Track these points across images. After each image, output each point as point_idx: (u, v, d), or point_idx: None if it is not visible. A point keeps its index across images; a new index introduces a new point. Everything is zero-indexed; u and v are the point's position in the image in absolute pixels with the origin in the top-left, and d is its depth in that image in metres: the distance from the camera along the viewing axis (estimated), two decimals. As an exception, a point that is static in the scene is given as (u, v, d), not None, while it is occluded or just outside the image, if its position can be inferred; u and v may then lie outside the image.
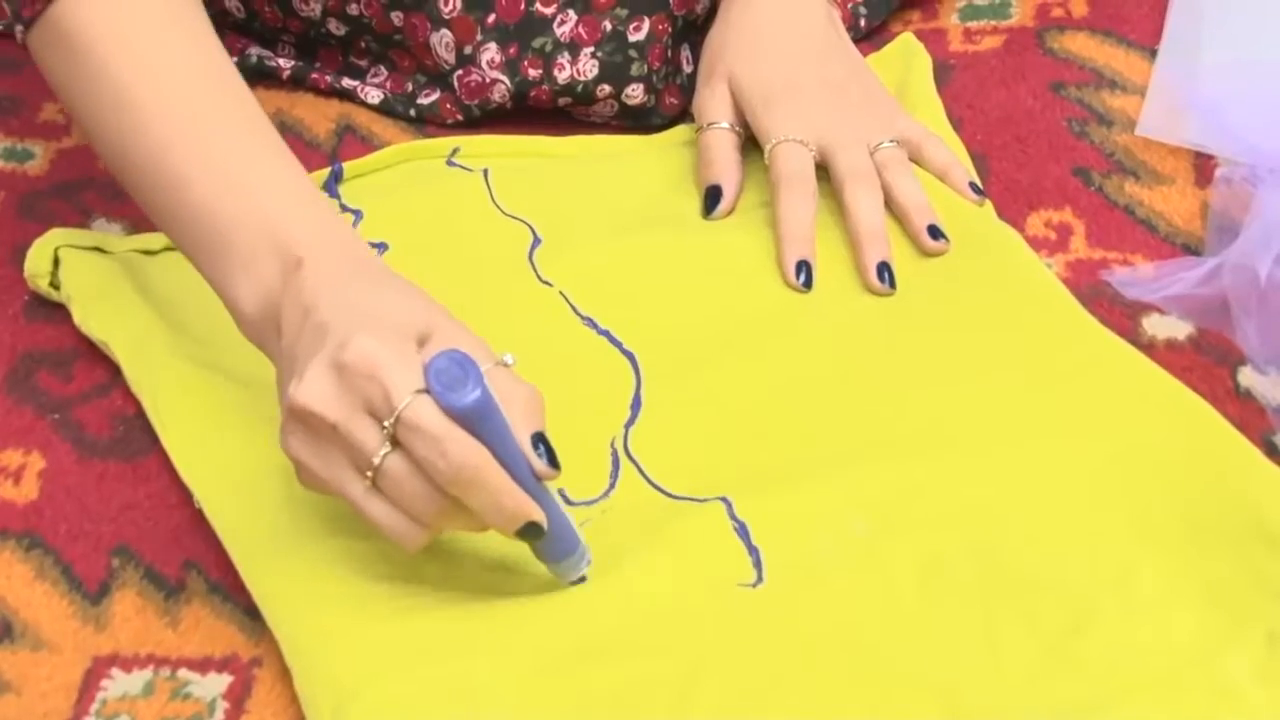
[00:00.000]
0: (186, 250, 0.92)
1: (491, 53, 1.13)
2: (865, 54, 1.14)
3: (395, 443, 0.82)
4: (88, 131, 0.95)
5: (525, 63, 1.13)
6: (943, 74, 1.16)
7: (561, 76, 1.12)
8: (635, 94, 1.14)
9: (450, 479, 0.81)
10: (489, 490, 0.82)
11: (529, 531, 0.84)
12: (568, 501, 0.93)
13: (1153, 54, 1.17)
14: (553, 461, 0.84)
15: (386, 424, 0.81)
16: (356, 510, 0.84)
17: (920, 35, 1.19)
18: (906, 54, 1.15)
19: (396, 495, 0.83)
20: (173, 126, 0.91)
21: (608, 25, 1.12)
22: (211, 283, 0.91)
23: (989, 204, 1.07)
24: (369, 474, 0.82)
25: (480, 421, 0.81)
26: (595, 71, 1.13)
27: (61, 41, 0.93)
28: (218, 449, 0.96)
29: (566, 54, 1.12)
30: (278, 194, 0.90)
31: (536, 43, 1.12)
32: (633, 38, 1.13)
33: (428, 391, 0.81)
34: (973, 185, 1.06)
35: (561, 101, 1.14)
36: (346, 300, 0.85)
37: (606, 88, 1.13)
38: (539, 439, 0.84)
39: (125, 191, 0.95)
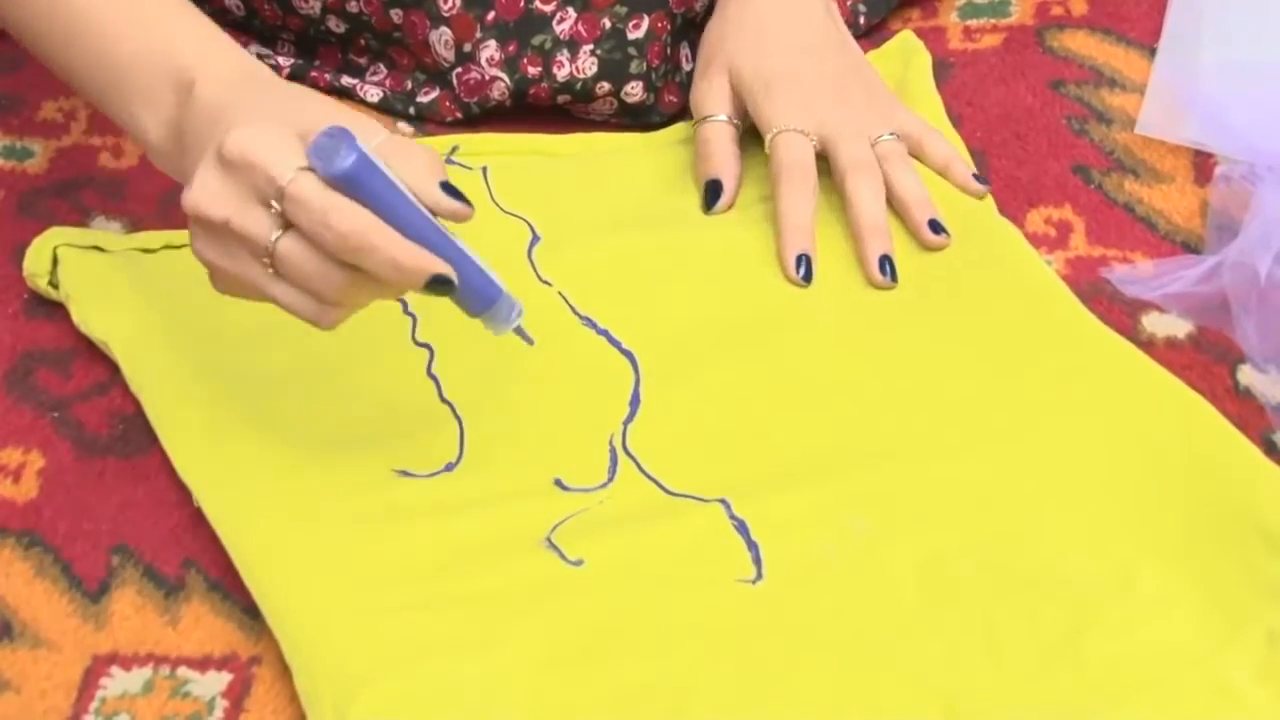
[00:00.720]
0: (93, 97, 0.94)
1: (491, 50, 1.13)
2: (864, 51, 1.14)
3: (287, 226, 0.83)
4: None
5: (525, 60, 1.13)
6: (942, 72, 1.16)
7: (561, 74, 1.12)
8: (634, 92, 1.14)
9: (340, 247, 0.82)
10: (381, 251, 0.82)
11: (438, 286, 0.84)
12: (564, 488, 0.93)
13: (1152, 52, 1.17)
14: (463, 199, 0.84)
15: (274, 205, 0.82)
16: (266, 299, 0.85)
17: (920, 33, 1.19)
18: (906, 51, 1.15)
19: (297, 276, 0.84)
20: None
21: (607, 23, 1.12)
22: (121, 123, 0.93)
23: (990, 200, 1.07)
24: (266, 260, 0.83)
25: (361, 185, 0.81)
26: (594, 69, 1.13)
27: None
28: (217, 447, 0.96)
29: (566, 51, 1.12)
30: (169, 26, 0.92)
31: (536, 40, 1.12)
32: (632, 35, 1.13)
33: (308, 168, 0.81)
34: (976, 176, 1.06)
35: (561, 99, 1.14)
36: (246, 105, 0.86)
37: (606, 85, 1.13)
38: (446, 185, 0.84)
39: (83, 101, 0.97)
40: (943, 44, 1.19)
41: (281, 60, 1.19)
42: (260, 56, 1.18)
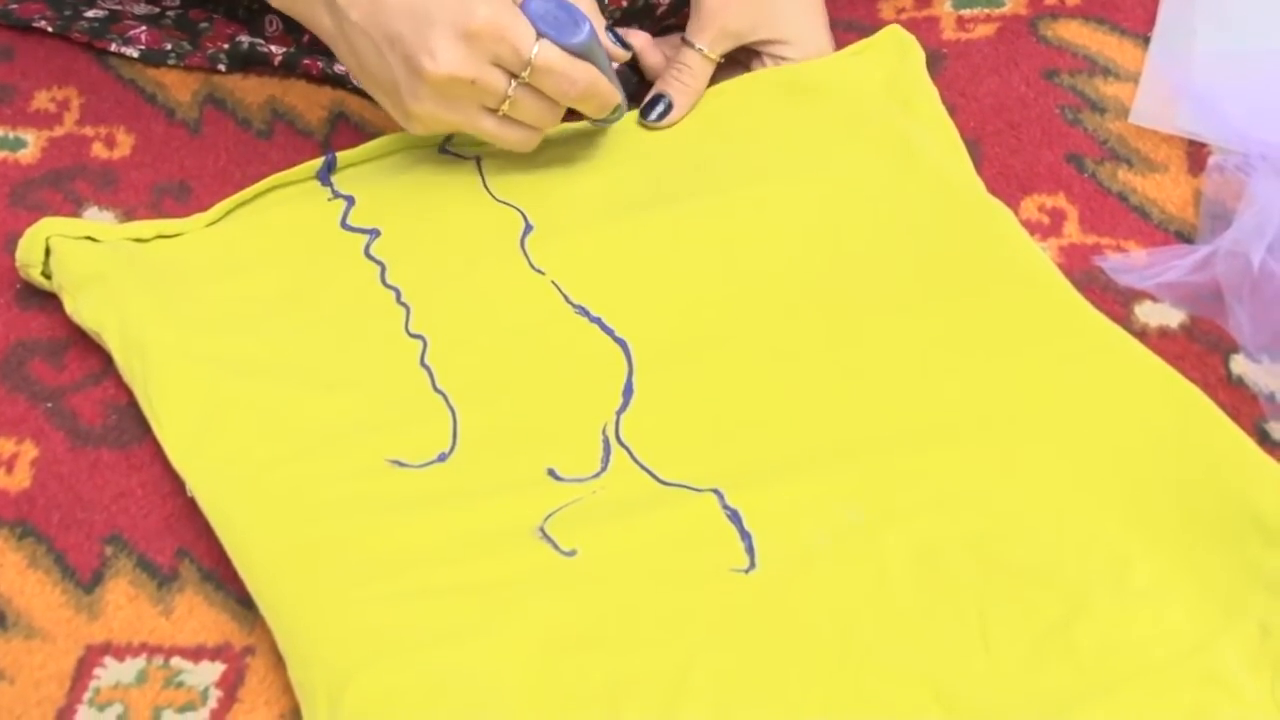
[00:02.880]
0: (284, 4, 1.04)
1: None
2: (853, 43, 1.14)
3: (515, 78, 1.01)
4: None
5: None
6: (936, 62, 1.16)
7: None
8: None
9: (577, 98, 1.03)
10: (600, 96, 1.04)
11: (612, 110, 1.06)
12: (558, 479, 0.93)
13: (1146, 41, 1.17)
14: (624, 44, 1.07)
15: (524, 75, 1.00)
16: (486, 136, 1.04)
17: (914, 23, 1.19)
18: (897, 45, 1.15)
19: (526, 117, 1.03)
20: None
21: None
22: (307, 21, 1.05)
23: (980, 183, 1.07)
24: (503, 109, 1.02)
25: (588, 49, 1.02)
26: None
27: None
28: (210, 437, 0.96)
29: None
30: None
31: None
32: (611, 5, 1.14)
33: (542, 36, 1.00)
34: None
35: None
36: None
37: None
38: (608, 29, 1.06)
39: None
40: (936, 34, 1.19)
41: (274, 48, 1.18)
42: (251, 45, 1.18)
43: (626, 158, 1.11)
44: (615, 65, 1.07)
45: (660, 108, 1.12)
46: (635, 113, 1.13)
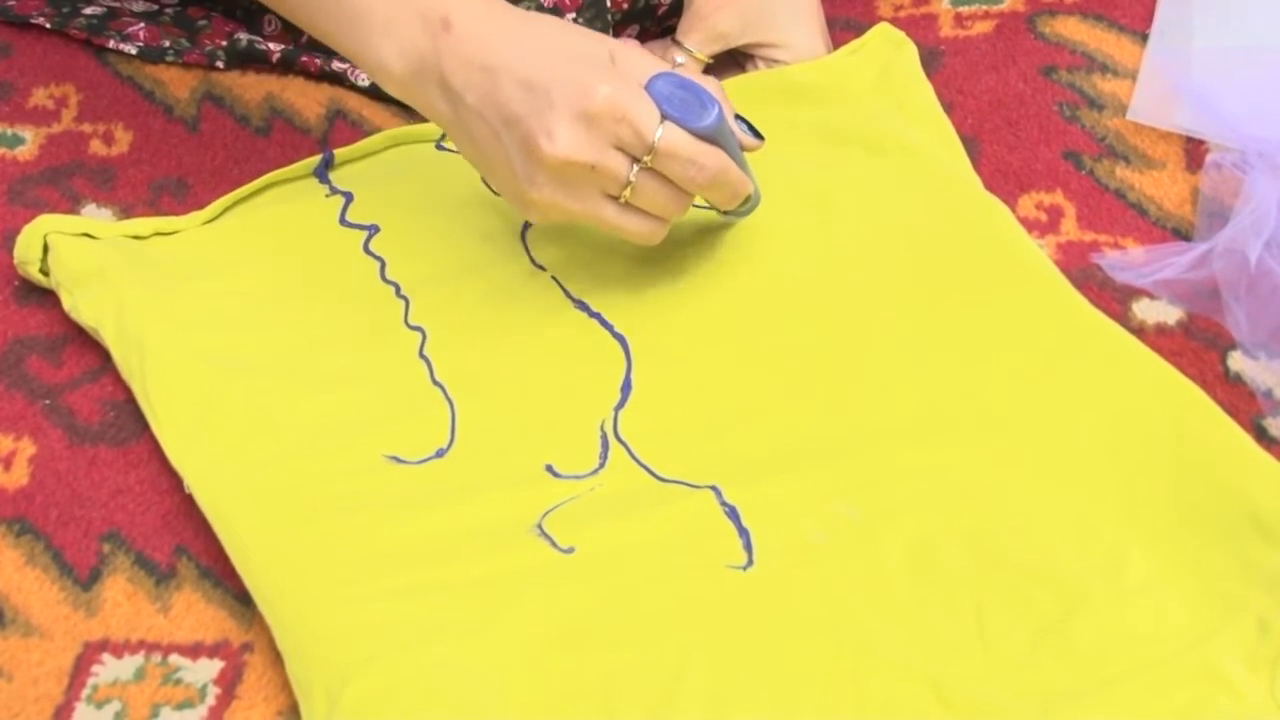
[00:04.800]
0: (316, 27, 0.98)
1: None
2: (845, 42, 1.14)
3: (637, 162, 0.94)
4: None
5: None
6: (934, 59, 1.16)
7: None
8: None
9: (704, 186, 0.96)
10: (730, 185, 0.97)
11: (743, 202, 1.00)
12: (556, 475, 0.93)
13: (1144, 38, 1.17)
14: (757, 133, 1.00)
15: (645, 159, 0.93)
16: (608, 226, 0.96)
17: (912, 20, 1.19)
18: (890, 43, 1.14)
19: (650, 205, 0.96)
20: None
21: None
22: (348, 53, 0.97)
23: (977, 179, 1.07)
24: (625, 195, 0.95)
25: (718, 133, 0.95)
26: None
27: None
28: (208, 434, 0.96)
29: None
30: None
31: (521, 7, 1.12)
32: (611, 5, 1.14)
33: (667, 118, 0.93)
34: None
35: None
36: (528, 50, 0.94)
37: None
38: (739, 119, 0.99)
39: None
40: (934, 31, 1.19)
41: (272, 45, 1.18)
42: (249, 42, 1.18)
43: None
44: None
45: None
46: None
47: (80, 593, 0.92)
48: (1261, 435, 0.94)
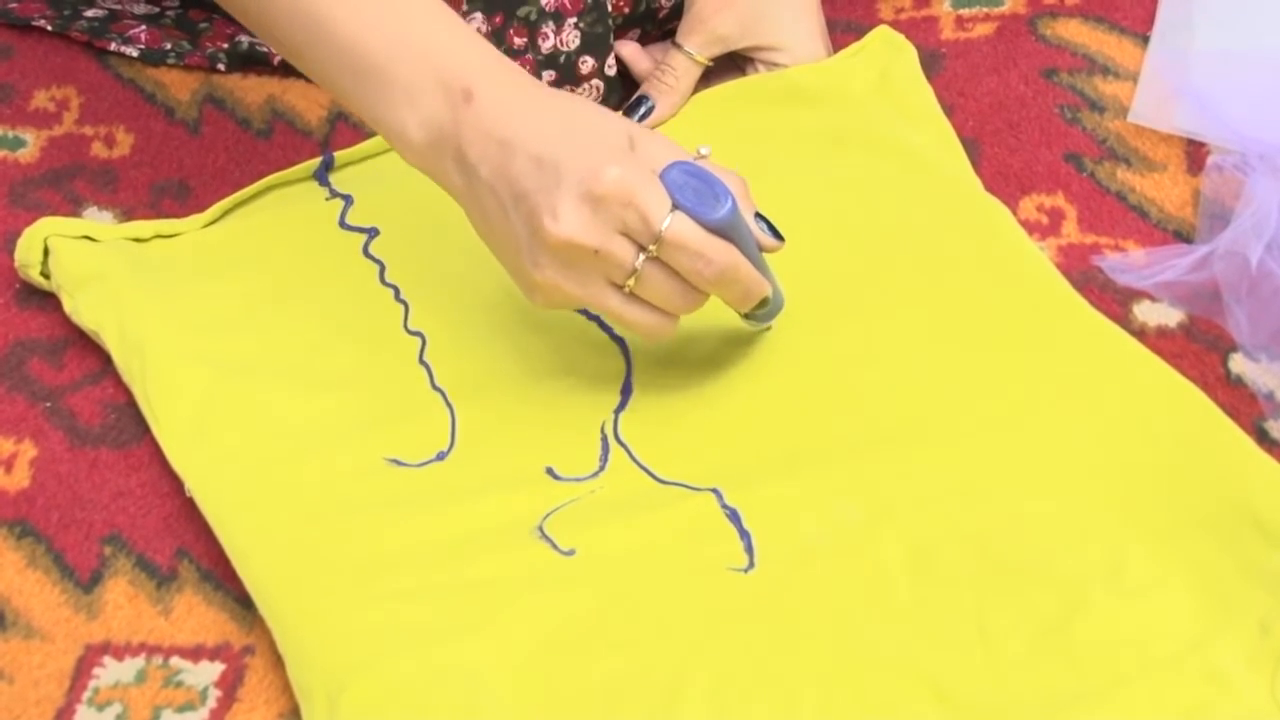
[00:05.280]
0: (340, 91, 0.95)
1: (478, 22, 1.12)
2: (846, 44, 1.14)
3: (643, 251, 0.90)
4: None
5: (510, 31, 1.13)
6: (935, 61, 1.16)
7: (545, 46, 1.12)
8: (616, 66, 1.14)
9: (713, 281, 0.91)
10: (741, 282, 0.92)
11: (757, 305, 0.94)
12: (557, 478, 0.93)
13: (1145, 40, 1.17)
14: (777, 234, 0.94)
15: (651, 247, 0.89)
16: (612, 316, 0.92)
17: (913, 22, 1.19)
18: (888, 46, 1.14)
19: (655, 297, 0.91)
20: None
21: None
22: (369, 118, 0.94)
23: (977, 181, 1.07)
24: (628, 284, 0.90)
25: (731, 228, 0.90)
26: (577, 42, 1.13)
27: None
28: (209, 437, 0.96)
29: (551, 23, 1.12)
30: (429, 22, 0.93)
31: (521, 11, 1.12)
32: (612, 10, 1.14)
33: (678, 207, 0.89)
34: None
35: (546, 77, 1.14)
36: (545, 126, 0.90)
37: (589, 60, 1.13)
38: (759, 217, 0.93)
39: (258, 36, 0.97)
40: (935, 34, 1.19)
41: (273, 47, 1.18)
42: (250, 44, 1.18)
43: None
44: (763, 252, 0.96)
45: (642, 109, 1.12)
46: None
47: (81, 595, 0.92)
48: (1263, 437, 0.94)
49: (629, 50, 1.14)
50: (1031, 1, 1.20)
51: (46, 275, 1.05)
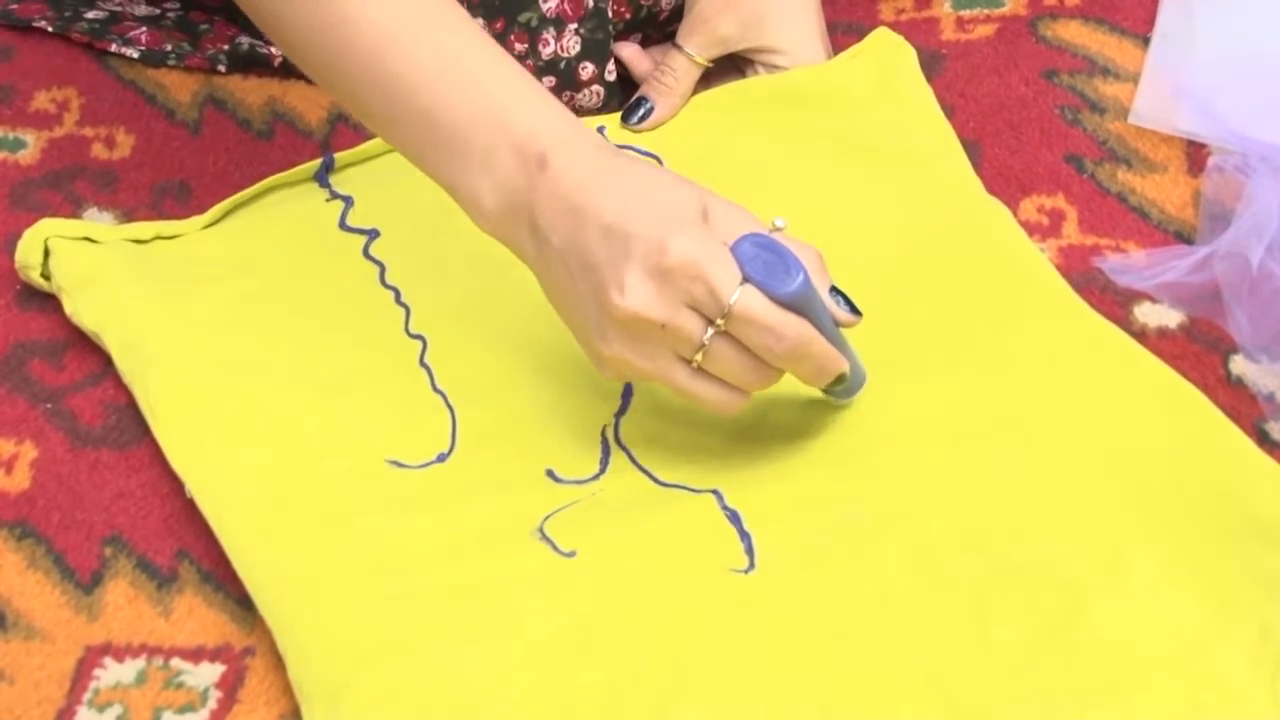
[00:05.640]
0: (411, 153, 0.93)
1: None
2: (847, 46, 1.14)
3: (712, 325, 0.87)
4: (288, 43, 0.95)
5: (511, 37, 1.13)
6: (935, 63, 1.16)
7: (545, 52, 1.12)
8: (616, 71, 1.14)
9: (784, 357, 0.88)
10: (815, 359, 0.89)
11: (834, 381, 0.91)
12: (557, 480, 0.93)
13: (1145, 41, 1.17)
14: (854, 309, 0.91)
15: (719, 322, 0.87)
16: (681, 392, 0.89)
17: (914, 24, 1.19)
18: (888, 48, 1.14)
19: (724, 373, 0.89)
20: (385, 30, 0.91)
21: (590, 2, 1.12)
22: (442, 182, 0.92)
23: (978, 182, 1.07)
24: (696, 359, 0.88)
25: (803, 303, 0.88)
26: (578, 48, 1.13)
27: None
28: (209, 439, 0.96)
29: (551, 29, 1.12)
30: (505, 88, 0.91)
31: (523, 17, 1.12)
32: (612, 15, 1.14)
33: (748, 280, 0.86)
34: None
35: (546, 82, 1.14)
36: (618, 196, 0.88)
37: (589, 66, 1.13)
38: (835, 291, 0.91)
39: (315, 79, 0.95)
40: (936, 35, 1.19)
41: (274, 49, 1.18)
42: (250, 45, 1.18)
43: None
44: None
45: (641, 111, 1.12)
46: (618, 116, 1.14)
47: (82, 596, 0.92)
48: (1263, 439, 0.94)
49: (629, 51, 1.14)
50: (1032, 3, 1.20)
51: (47, 276, 1.05)
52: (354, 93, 0.93)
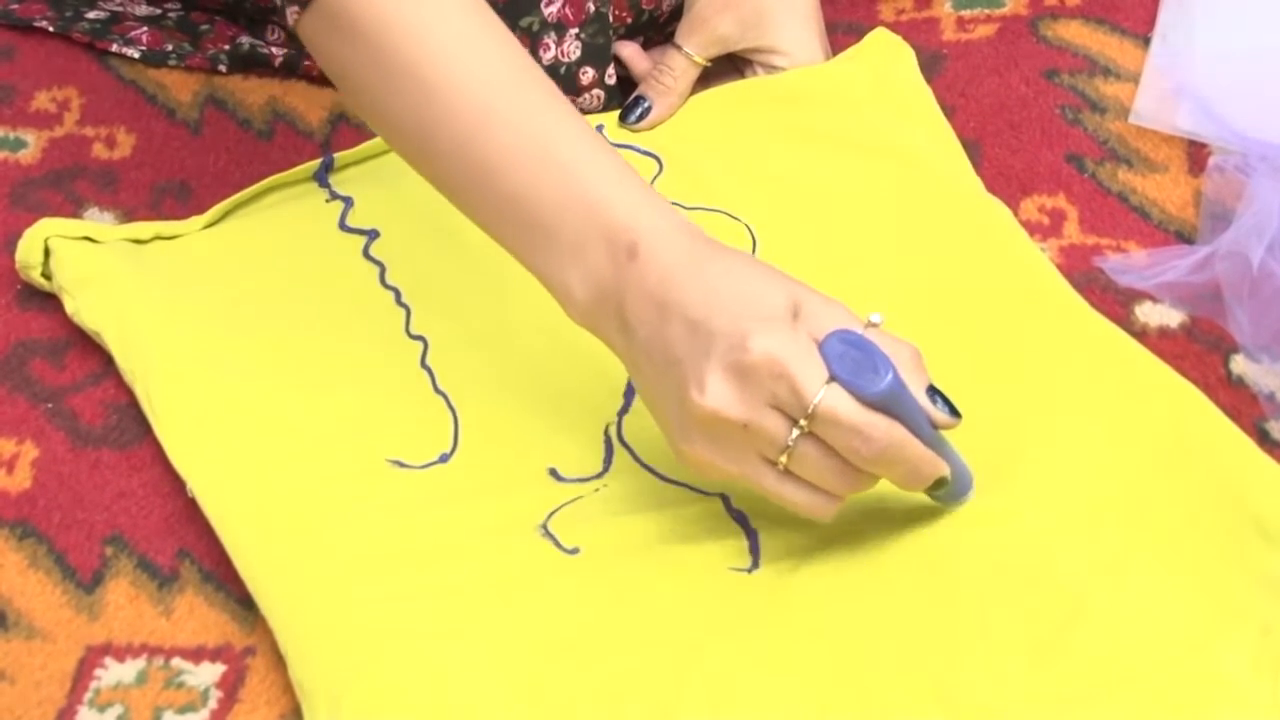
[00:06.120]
0: (503, 239, 0.90)
1: None
2: (847, 46, 1.14)
3: (796, 426, 0.83)
4: (377, 120, 0.93)
5: None
6: (936, 63, 1.16)
7: (546, 57, 1.12)
8: (616, 74, 1.14)
9: (873, 460, 0.83)
10: (908, 462, 0.84)
11: (935, 485, 0.87)
12: (559, 478, 0.93)
13: (1146, 41, 1.17)
14: (953, 411, 0.86)
15: (802, 422, 0.82)
16: (769, 495, 0.85)
17: (914, 24, 1.19)
18: (886, 48, 1.14)
19: (810, 475, 0.84)
20: (477, 112, 0.89)
21: (591, 7, 1.13)
22: (534, 270, 0.89)
23: (978, 182, 1.07)
24: (781, 461, 0.84)
25: (892, 403, 0.83)
26: (578, 53, 1.13)
27: (342, 26, 0.90)
28: (210, 438, 0.96)
29: (553, 34, 1.12)
30: (597, 175, 0.88)
31: (524, 22, 1.12)
32: (613, 20, 1.14)
33: (834, 379, 0.82)
34: None
35: None
36: (705, 289, 0.85)
37: (590, 71, 1.13)
38: (933, 391, 0.86)
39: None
40: (936, 35, 1.19)
41: (274, 50, 1.19)
42: (251, 46, 1.18)
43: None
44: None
45: (639, 110, 1.12)
46: (616, 114, 1.14)
47: (83, 596, 0.92)
48: (1264, 439, 0.94)
49: (628, 50, 1.14)
50: (1032, 3, 1.20)
51: (48, 276, 1.05)
52: (444, 171, 0.91)
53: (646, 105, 1.12)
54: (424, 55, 0.89)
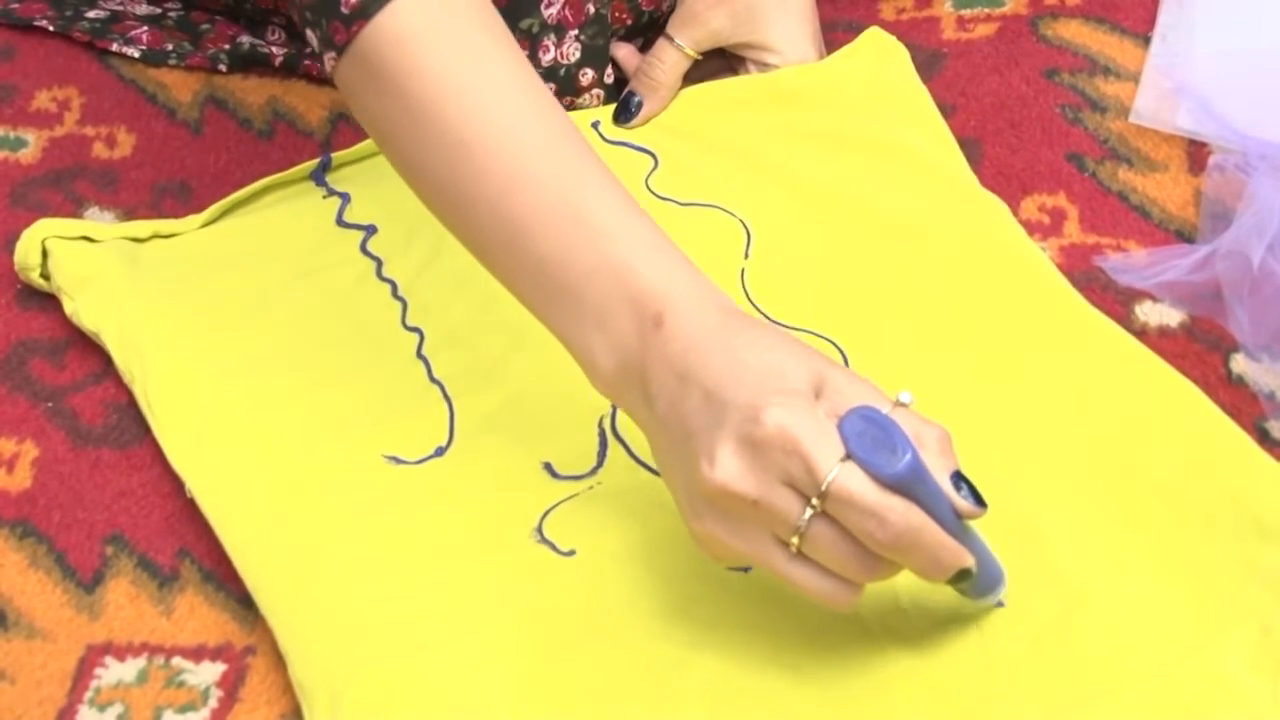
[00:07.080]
0: (531, 303, 0.88)
1: None
2: (842, 44, 1.14)
3: (810, 504, 0.79)
4: (408, 171, 0.90)
5: None
6: (936, 62, 1.16)
7: (545, 59, 1.12)
8: (614, 75, 1.14)
9: (889, 545, 0.79)
10: (927, 550, 0.80)
11: (958, 576, 0.82)
12: (555, 475, 0.93)
13: (1146, 40, 1.17)
14: (978, 500, 0.81)
15: (814, 501, 0.79)
16: (781, 579, 0.81)
17: (914, 23, 1.19)
18: (880, 48, 1.14)
19: (825, 559, 0.80)
20: (509, 172, 0.86)
21: (591, 8, 1.13)
22: (559, 335, 0.87)
23: (974, 180, 1.07)
24: (793, 542, 0.80)
25: (911, 485, 0.79)
26: (578, 55, 1.13)
27: (378, 76, 0.88)
28: (210, 437, 0.96)
29: (552, 36, 1.12)
30: (627, 241, 0.85)
31: (524, 24, 1.12)
32: (612, 21, 1.14)
33: (850, 457, 0.78)
34: None
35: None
36: (727, 361, 0.81)
37: (589, 72, 1.13)
38: (959, 478, 0.81)
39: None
40: (936, 34, 1.19)
41: (274, 49, 1.19)
42: (251, 45, 1.18)
43: (618, 151, 1.11)
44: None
45: (631, 108, 1.12)
46: (611, 110, 1.14)
47: (83, 595, 0.92)
48: (1264, 438, 0.94)
49: (623, 52, 1.14)
50: (1033, 2, 1.20)
51: (46, 277, 1.05)
52: (475, 230, 0.88)
53: (637, 101, 1.12)
54: (460, 112, 0.87)
